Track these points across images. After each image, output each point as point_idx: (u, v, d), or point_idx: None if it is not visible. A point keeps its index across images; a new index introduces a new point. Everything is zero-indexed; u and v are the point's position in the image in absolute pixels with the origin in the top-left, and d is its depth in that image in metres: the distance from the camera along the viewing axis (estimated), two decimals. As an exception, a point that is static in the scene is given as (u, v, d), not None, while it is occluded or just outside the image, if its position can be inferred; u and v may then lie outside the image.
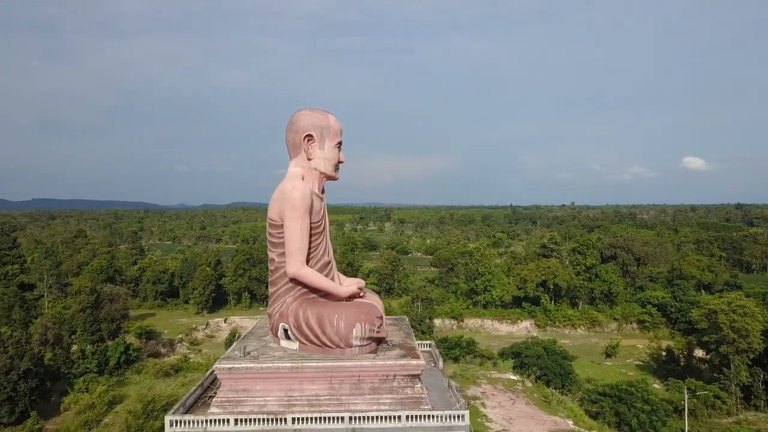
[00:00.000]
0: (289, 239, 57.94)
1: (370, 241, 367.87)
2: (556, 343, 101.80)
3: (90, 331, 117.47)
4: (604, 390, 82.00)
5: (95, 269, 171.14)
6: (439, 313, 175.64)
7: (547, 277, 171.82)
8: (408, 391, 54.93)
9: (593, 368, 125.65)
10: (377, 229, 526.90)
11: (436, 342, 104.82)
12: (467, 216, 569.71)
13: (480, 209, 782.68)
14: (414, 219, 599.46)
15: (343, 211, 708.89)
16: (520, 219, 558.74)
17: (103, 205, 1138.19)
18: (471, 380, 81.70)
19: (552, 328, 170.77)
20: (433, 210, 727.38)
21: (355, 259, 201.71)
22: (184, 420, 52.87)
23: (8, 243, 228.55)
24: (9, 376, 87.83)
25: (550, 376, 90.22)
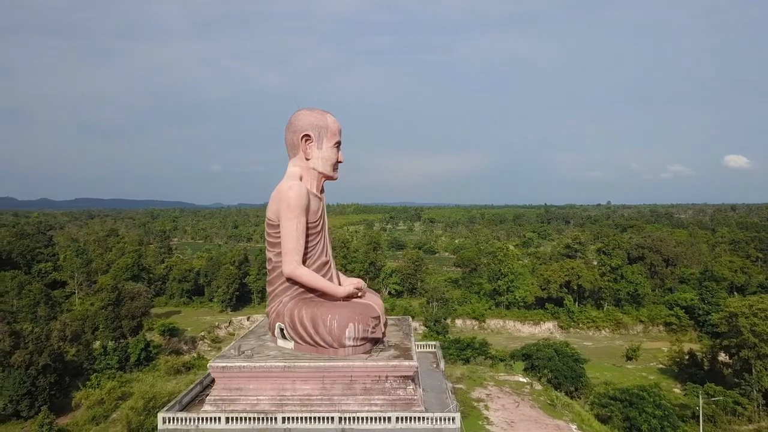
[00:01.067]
0: (285, 239, 58.27)
1: (397, 240, 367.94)
2: (569, 346, 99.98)
3: (111, 328, 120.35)
4: (615, 394, 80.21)
5: (121, 267, 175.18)
6: (461, 314, 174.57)
7: (571, 277, 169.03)
8: (400, 393, 54.64)
9: (613, 371, 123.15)
10: (406, 228, 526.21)
11: (449, 342, 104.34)
12: (499, 215, 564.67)
13: (513, 208, 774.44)
14: (444, 218, 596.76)
15: (373, 210, 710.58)
16: (552, 218, 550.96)
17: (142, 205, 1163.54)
18: (478, 382, 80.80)
19: (575, 330, 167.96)
20: (465, 210, 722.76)
21: (377, 258, 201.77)
22: (176, 417, 53.64)
23: (44, 241, 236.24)
24: (28, 371, 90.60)
25: (560, 378, 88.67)
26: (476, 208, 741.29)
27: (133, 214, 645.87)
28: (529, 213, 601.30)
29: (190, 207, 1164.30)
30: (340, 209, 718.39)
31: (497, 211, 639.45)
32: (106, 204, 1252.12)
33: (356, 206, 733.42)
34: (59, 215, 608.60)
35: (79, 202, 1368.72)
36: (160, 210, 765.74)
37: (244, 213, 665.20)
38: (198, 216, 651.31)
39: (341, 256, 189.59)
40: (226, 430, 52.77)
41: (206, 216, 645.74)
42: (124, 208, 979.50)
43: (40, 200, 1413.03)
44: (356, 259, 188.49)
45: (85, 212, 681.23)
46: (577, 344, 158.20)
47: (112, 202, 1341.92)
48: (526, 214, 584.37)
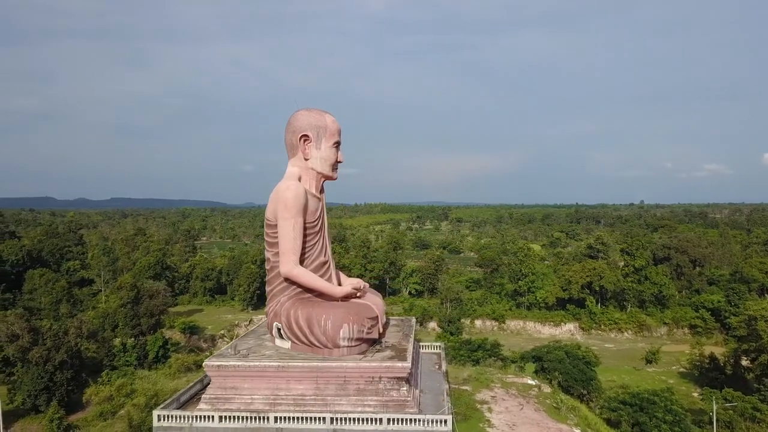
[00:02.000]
0: (282, 239, 58.56)
1: (421, 240, 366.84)
2: (580, 348, 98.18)
3: (131, 326, 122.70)
4: (624, 398, 78.46)
5: (143, 266, 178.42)
6: (480, 314, 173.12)
7: (593, 278, 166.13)
8: (393, 394, 54.35)
9: (631, 375, 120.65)
10: (433, 228, 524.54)
11: (460, 343, 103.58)
12: (527, 215, 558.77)
13: (543, 208, 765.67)
14: (472, 218, 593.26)
15: (400, 210, 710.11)
16: (582, 218, 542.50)
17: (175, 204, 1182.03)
18: (485, 384, 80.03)
19: (597, 332, 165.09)
20: (493, 209, 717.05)
21: (397, 258, 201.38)
22: (171, 415, 54.28)
23: (74, 240, 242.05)
24: (46, 367, 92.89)
25: (570, 381, 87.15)
26: (505, 208, 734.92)
27: (165, 213, 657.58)
28: (558, 213, 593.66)
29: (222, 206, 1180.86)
30: (367, 209, 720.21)
31: (526, 211, 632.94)
32: (140, 203, 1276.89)
33: (383, 206, 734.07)
34: (93, 214, 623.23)
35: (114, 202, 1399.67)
36: (192, 209, 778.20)
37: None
38: (228, 215, 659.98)
39: (361, 256, 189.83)
40: (220, 428, 53.15)
41: (236, 215, 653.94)
42: (158, 207, 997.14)
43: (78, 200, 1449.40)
44: (376, 259, 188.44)
45: (118, 211, 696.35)
46: (598, 346, 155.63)
47: (146, 202, 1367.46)
48: (555, 213, 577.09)
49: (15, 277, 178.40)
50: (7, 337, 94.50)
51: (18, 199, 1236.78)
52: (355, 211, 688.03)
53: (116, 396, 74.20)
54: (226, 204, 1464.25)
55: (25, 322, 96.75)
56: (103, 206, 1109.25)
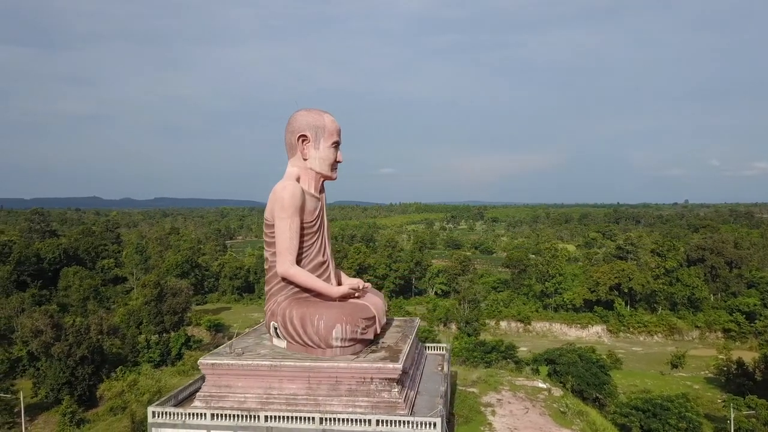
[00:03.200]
0: (279, 238, 58.97)
1: (453, 240, 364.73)
2: (595, 351, 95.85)
3: (154, 323, 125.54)
4: (637, 404, 76.25)
5: (171, 264, 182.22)
6: (506, 315, 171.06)
7: (621, 280, 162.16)
8: (384, 395, 54.21)
9: (655, 379, 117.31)
10: (467, 228, 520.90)
11: (474, 345, 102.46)
12: (564, 215, 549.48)
13: (582, 207, 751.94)
14: (508, 218, 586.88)
15: (435, 209, 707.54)
16: (621, 218, 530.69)
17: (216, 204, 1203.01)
18: (493, 386, 78.85)
19: (625, 335, 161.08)
20: (530, 209, 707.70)
21: (423, 258, 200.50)
22: (165, 411, 55.32)
23: (111, 239, 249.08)
24: (67, 362, 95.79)
25: (583, 385, 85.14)
26: (542, 207, 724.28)
27: (204, 213, 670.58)
28: (596, 212, 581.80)
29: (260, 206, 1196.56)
30: (402, 208, 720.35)
31: (563, 211, 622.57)
32: (182, 203, 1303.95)
33: (418, 205, 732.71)
34: (135, 214, 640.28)
35: (158, 201, 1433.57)
36: (231, 209, 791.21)
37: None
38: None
39: (386, 256, 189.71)
40: (211, 426, 53.92)
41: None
42: (198, 206, 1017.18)
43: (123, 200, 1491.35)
44: (401, 259, 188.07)
45: (159, 211, 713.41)
46: (625, 350, 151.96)
47: (188, 201, 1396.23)
48: (592, 213, 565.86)
49: (52, 274, 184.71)
50: (31, 332, 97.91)
51: (66, 199, 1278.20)
52: (390, 211, 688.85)
53: (127, 392, 76.05)
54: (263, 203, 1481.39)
55: (48, 318, 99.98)
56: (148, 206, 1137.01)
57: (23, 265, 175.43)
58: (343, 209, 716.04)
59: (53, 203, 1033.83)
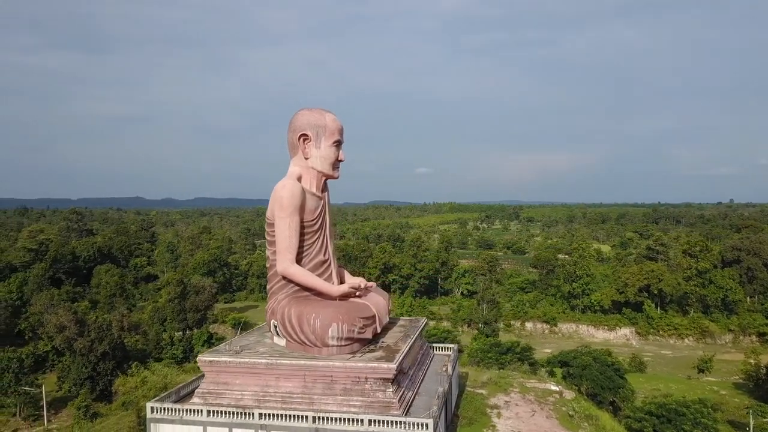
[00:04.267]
0: (278, 237, 59.41)
1: (485, 240, 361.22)
2: (611, 354, 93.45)
3: (177, 320, 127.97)
4: (651, 408, 74.05)
5: (197, 262, 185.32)
6: (532, 316, 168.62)
7: (651, 281, 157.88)
8: (379, 395, 54.09)
9: (680, 383, 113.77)
10: (501, 227, 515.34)
11: (489, 346, 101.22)
12: (602, 214, 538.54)
13: (622, 207, 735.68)
14: (544, 217, 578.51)
15: (470, 209, 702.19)
16: (661, 218, 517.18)
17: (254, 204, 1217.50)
18: (503, 388, 77.67)
19: (654, 337, 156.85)
20: (567, 208, 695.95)
21: (449, 258, 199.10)
22: (163, 407, 56.34)
23: (146, 238, 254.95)
24: (89, 357, 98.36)
25: (597, 389, 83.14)
26: (579, 207, 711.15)
27: (241, 212, 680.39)
28: (635, 212, 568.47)
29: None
30: (435, 208, 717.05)
31: (601, 210, 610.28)
32: (221, 203, 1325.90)
33: (452, 205, 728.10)
34: (174, 213, 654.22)
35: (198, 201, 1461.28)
36: (263, 209, 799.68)
37: (344, 212, 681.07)
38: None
39: (411, 255, 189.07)
40: (207, 422, 54.72)
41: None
42: (236, 206, 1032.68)
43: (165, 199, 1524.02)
44: (426, 258, 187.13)
45: (198, 210, 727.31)
46: (653, 352, 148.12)
47: (227, 201, 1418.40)
48: (630, 213, 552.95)
49: (87, 272, 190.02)
50: (56, 327, 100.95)
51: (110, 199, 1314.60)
52: (424, 211, 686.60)
53: (138, 387, 77.77)
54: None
55: (72, 314, 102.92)
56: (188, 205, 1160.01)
57: (59, 263, 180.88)
58: (376, 209, 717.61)
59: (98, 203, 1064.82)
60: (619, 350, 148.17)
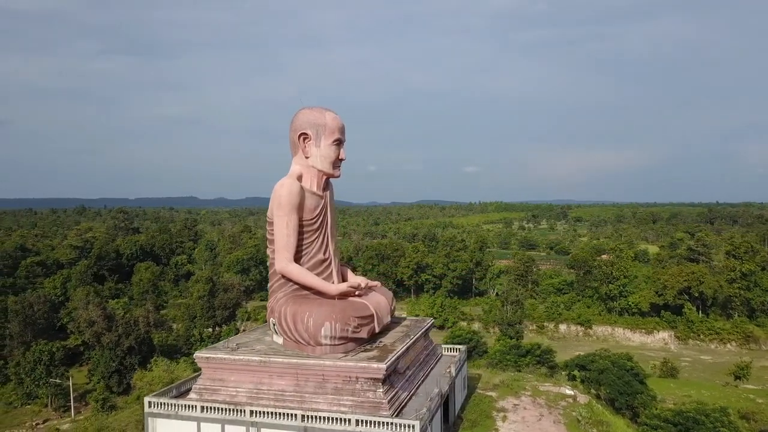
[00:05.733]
0: (276, 236, 60.11)
1: (528, 240, 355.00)
2: (632, 359, 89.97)
3: (206, 317, 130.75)
4: (667, 416, 70.92)
5: (231, 261, 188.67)
6: (566, 318, 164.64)
7: (691, 283, 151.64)
8: (369, 395, 54.00)
9: (715, 390, 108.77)
10: (548, 227, 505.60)
11: (509, 347, 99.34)
12: (653, 214, 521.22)
13: (676, 206, 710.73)
14: (593, 217, 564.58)
15: (516, 208, 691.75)
16: (716, 218, 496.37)
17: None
18: (514, 390, 76.02)
19: (694, 342, 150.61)
20: (617, 208, 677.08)
21: (484, 258, 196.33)
22: (159, 402, 57.71)
23: (190, 236, 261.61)
24: (116, 351, 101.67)
25: (614, 394, 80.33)
26: (630, 207, 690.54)
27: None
28: (688, 212, 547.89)
29: (346, 205, 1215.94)
30: (481, 207, 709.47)
31: (653, 210, 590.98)
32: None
33: (498, 204, 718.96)
34: (223, 212, 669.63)
35: (249, 201, 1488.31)
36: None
37: (388, 211, 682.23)
38: (347, 213, 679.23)
39: (443, 255, 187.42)
40: (201, 418, 55.77)
41: (353, 213, 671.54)
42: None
43: (218, 199, 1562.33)
44: (459, 258, 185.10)
45: (246, 210, 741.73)
46: (692, 357, 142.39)
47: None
48: (684, 212, 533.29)
49: (129, 269, 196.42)
50: (85, 322, 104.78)
51: (165, 198, 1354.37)
52: (469, 210, 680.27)
53: (156, 381, 79.76)
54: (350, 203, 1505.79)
55: (101, 309, 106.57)
56: (239, 205, 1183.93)
57: (103, 260, 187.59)
58: (421, 208, 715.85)
59: (154, 203, 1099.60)
60: (655, 354, 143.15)
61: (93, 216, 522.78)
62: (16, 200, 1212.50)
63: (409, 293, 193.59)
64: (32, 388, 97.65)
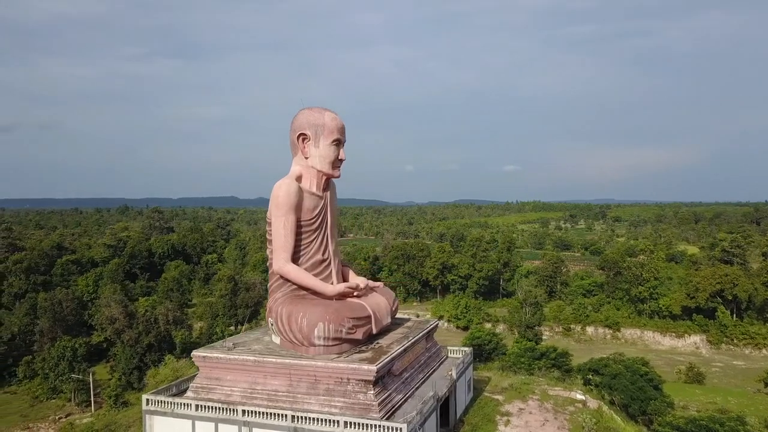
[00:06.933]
0: (274, 236, 60.57)
1: (563, 240, 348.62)
2: (647, 364, 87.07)
3: (228, 315, 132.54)
4: (679, 423, 68.47)
5: (257, 260, 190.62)
6: (593, 320, 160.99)
7: (725, 286, 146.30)
8: (360, 397, 53.85)
9: (743, 398, 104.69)
10: (585, 227, 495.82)
11: (523, 350, 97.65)
12: (696, 214, 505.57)
13: (723, 206, 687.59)
14: (633, 217, 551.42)
15: (554, 208, 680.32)
16: (763, 217, 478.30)
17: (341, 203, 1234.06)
18: (521, 394, 74.51)
19: (728, 346, 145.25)
20: (659, 207, 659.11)
21: (511, 258, 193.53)
22: (156, 400, 58.69)
23: (223, 236, 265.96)
24: (136, 348, 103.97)
25: (627, 400, 77.96)
26: (672, 206, 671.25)
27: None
28: (734, 211, 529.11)
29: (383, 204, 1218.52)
30: (518, 207, 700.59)
31: (696, 209, 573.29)
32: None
33: (535, 203, 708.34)
34: (261, 212, 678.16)
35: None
36: (348, 207, 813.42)
37: (423, 210, 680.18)
38: (382, 213, 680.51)
39: (469, 255, 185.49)
40: (196, 416, 56.53)
41: (389, 213, 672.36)
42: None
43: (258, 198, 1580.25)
44: (486, 259, 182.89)
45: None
46: (724, 363, 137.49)
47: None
48: (728, 212, 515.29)
49: (160, 267, 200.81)
50: (107, 319, 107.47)
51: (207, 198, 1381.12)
52: (506, 210, 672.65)
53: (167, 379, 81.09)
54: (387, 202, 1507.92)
55: (122, 307, 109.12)
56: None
57: (135, 259, 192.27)
58: (456, 208, 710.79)
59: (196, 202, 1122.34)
60: (685, 359, 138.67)
61: (135, 215, 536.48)
62: (65, 200, 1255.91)
63: (436, 294, 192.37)
64: (56, 383, 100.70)
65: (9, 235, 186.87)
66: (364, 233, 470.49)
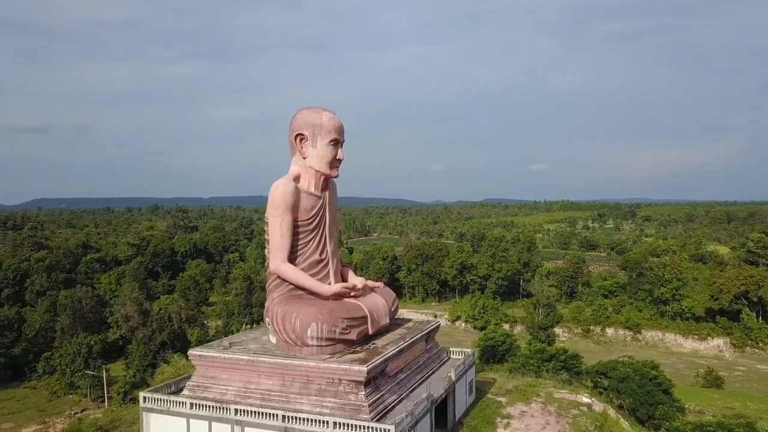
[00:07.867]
0: (270, 236, 60.93)
1: (588, 240, 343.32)
2: (658, 367, 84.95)
3: (243, 314, 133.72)
4: (685, 429, 66.69)
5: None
6: (614, 322, 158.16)
7: (750, 287, 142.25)
8: (351, 398, 53.81)
9: (762, 402, 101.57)
10: (613, 227, 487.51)
11: (532, 352, 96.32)
12: (729, 213, 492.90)
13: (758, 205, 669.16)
14: (663, 216, 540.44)
15: (582, 207, 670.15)
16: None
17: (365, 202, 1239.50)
18: (525, 397, 73.46)
19: (752, 350, 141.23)
20: (690, 206, 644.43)
21: (531, 259, 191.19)
22: (152, 397, 59.45)
23: (246, 235, 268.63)
24: (149, 346, 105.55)
25: (635, 404, 76.26)
26: (705, 205, 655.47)
27: (350, 211, 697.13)
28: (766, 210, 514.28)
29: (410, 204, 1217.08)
30: (546, 206, 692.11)
31: (729, 209, 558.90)
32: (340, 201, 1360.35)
33: (563, 203, 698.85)
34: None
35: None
36: (374, 207, 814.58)
37: (449, 210, 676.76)
38: (407, 212, 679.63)
39: (489, 255, 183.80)
40: (191, 414, 57.09)
41: (414, 212, 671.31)
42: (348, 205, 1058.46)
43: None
44: (505, 259, 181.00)
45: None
46: (747, 366, 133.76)
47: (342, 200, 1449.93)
48: (762, 211, 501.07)
49: (182, 266, 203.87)
50: (122, 317, 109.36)
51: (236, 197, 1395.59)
52: (534, 209, 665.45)
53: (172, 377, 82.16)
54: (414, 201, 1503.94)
55: (137, 305, 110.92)
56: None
57: (158, 257, 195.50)
58: (483, 207, 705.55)
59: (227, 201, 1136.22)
60: (707, 362, 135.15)
61: (164, 214, 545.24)
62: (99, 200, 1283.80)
63: (455, 294, 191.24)
64: (72, 379, 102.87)
65: (35, 234, 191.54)
66: (388, 232, 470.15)
